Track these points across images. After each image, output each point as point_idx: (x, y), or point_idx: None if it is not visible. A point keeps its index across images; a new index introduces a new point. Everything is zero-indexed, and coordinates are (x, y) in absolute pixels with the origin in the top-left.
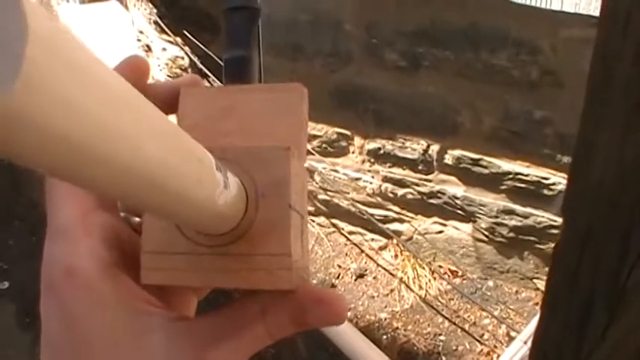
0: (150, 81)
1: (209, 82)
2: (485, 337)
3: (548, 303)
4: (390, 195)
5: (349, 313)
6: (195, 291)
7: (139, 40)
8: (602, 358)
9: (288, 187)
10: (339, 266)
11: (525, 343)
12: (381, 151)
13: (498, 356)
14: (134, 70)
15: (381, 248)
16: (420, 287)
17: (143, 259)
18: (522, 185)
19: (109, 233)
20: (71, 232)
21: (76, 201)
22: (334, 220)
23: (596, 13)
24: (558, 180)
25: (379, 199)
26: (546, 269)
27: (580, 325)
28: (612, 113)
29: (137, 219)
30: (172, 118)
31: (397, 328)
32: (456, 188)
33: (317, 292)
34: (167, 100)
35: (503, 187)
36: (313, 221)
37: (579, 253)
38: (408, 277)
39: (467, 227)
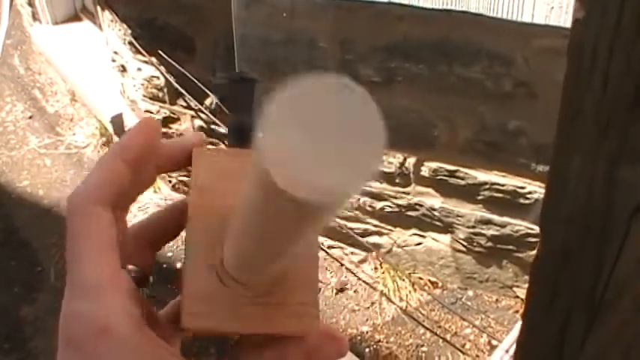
0: (126, 103)
1: (185, 100)
2: (467, 346)
3: (528, 317)
4: (369, 208)
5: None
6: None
7: (113, 61)
8: None
9: (316, 240)
10: (320, 281)
11: (507, 351)
12: None
13: None
14: (148, 133)
15: (361, 261)
16: (401, 299)
17: (185, 304)
18: (499, 195)
19: (133, 290)
20: (102, 290)
21: (105, 260)
22: None
23: (566, 24)
24: (534, 189)
25: (357, 212)
26: (525, 277)
27: (560, 338)
28: (584, 138)
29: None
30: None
31: (379, 340)
32: (433, 200)
33: (330, 330)
34: (179, 159)
35: (480, 198)
36: None
37: (557, 269)
38: (389, 290)
39: (445, 238)
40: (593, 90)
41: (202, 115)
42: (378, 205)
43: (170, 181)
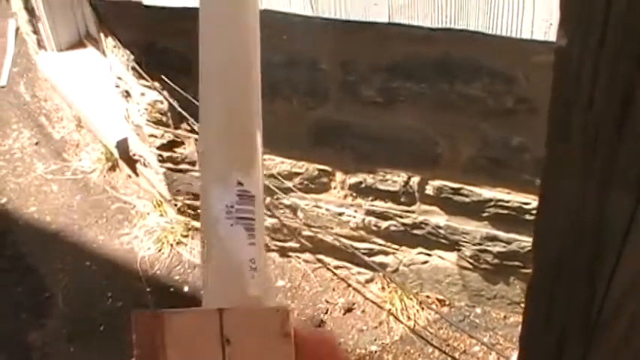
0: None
1: (188, 124)
2: None
3: (524, 339)
4: (374, 228)
5: None
6: None
7: (117, 87)
8: None
9: None
10: (327, 301)
11: None
12: (363, 185)
13: None
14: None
15: (368, 281)
16: (409, 318)
17: None
18: (504, 211)
19: None
20: None
21: None
22: (319, 256)
23: None
24: None
25: (363, 232)
26: None
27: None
28: (572, 160)
29: None
30: None
31: None
32: (438, 218)
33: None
34: None
35: (485, 215)
36: (299, 257)
37: (550, 290)
38: (396, 309)
39: (451, 256)
40: (580, 112)
41: None
42: (384, 224)
43: (176, 205)
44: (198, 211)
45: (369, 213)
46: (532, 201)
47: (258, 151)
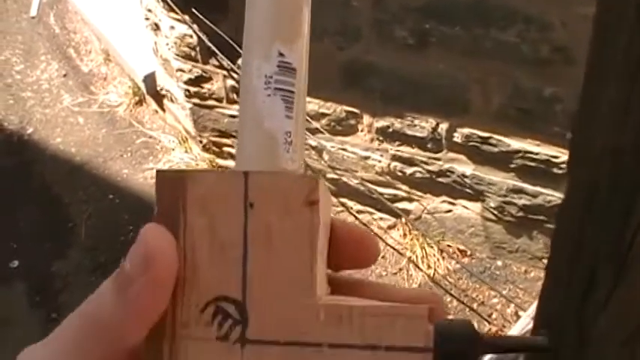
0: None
1: (217, 60)
2: (494, 316)
3: (552, 268)
4: (399, 174)
5: None
6: None
7: (147, 19)
8: (606, 325)
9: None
10: None
11: (532, 318)
12: (390, 130)
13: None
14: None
15: (390, 227)
16: (429, 266)
17: None
18: (532, 164)
19: None
20: None
21: None
22: (343, 199)
23: None
24: None
25: (388, 177)
26: None
27: (584, 291)
28: (615, 69)
29: None
30: None
31: None
32: (464, 167)
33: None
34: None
35: (512, 166)
36: None
37: (582, 215)
38: (417, 257)
39: (476, 206)
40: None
41: (234, 75)
42: (409, 170)
43: (201, 141)
44: (224, 148)
45: (394, 158)
46: (561, 154)
47: (304, 24)
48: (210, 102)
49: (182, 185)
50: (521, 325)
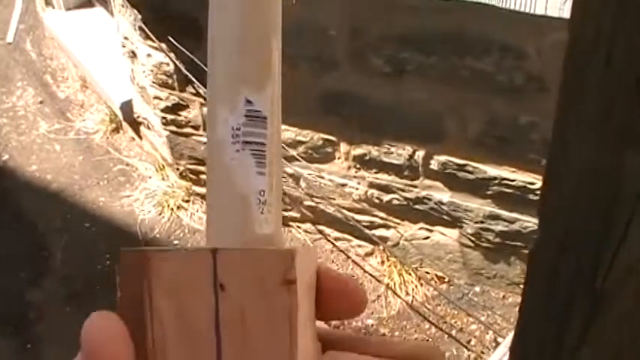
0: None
1: (194, 87)
2: (472, 342)
3: (525, 308)
4: (376, 201)
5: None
6: None
7: (123, 47)
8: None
9: None
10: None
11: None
12: (367, 157)
13: None
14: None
15: (368, 254)
16: (407, 293)
17: None
18: (508, 190)
19: None
20: None
21: None
22: (320, 227)
23: None
24: None
25: (365, 205)
26: None
27: (561, 324)
28: (586, 113)
29: None
30: None
31: (384, 334)
32: (442, 194)
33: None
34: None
35: (489, 193)
36: (299, 227)
37: (556, 257)
38: (395, 283)
39: (453, 233)
40: (597, 66)
41: None
42: (386, 197)
43: (178, 169)
44: (201, 176)
45: (372, 185)
46: (537, 181)
47: (274, 66)
48: (187, 129)
49: (147, 266)
50: (499, 355)
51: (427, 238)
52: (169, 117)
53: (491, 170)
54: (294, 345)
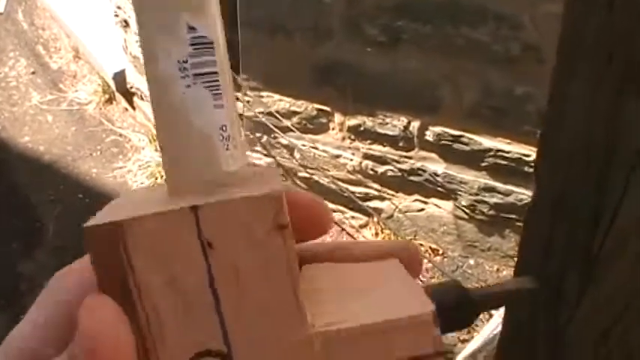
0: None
1: None
2: None
3: (520, 269)
4: (371, 172)
5: None
6: None
7: (116, 16)
8: (577, 327)
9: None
10: None
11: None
12: (362, 128)
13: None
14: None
15: (362, 226)
16: None
17: None
18: (503, 162)
19: None
20: None
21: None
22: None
23: None
24: None
25: (360, 176)
26: None
27: (555, 292)
28: (584, 67)
29: None
30: None
31: None
32: (436, 165)
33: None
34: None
35: (484, 164)
36: None
37: (551, 220)
38: None
39: (448, 205)
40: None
41: None
42: (381, 169)
43: None
44: None
45: (366, 157)
46: (532, 153)
47: None
48: None
49: (122, 238)
50: (493, 325)
51: (422, 210)
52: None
53: (487, 142)
54: (296, 290)
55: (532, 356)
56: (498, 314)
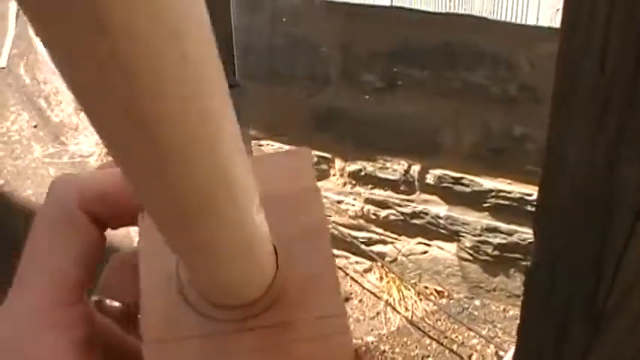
0: None
1: None
2: (474, 357)
3: (523, 328)
4: (373, 217)
5: None
6: None
7: None
8: None
9: (326, 233)
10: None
11: None
12: (362, 173)
13: None
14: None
15: (366, 271)
16: (407, 309)
17: (146, 352)
18: (505, 202)
19: (84, 328)
20: (33, 318)
21: (50, 280)
22: None
23: None
24: None
25: (362, 221)
26: None
27: (557, 350)
28: (579, 120)
29: (116, 304)
30: None
31: (385, 351)
32: (438, 207)
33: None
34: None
35: (486, 205)
36: None
37: (552, 273)
38: (394, 299)
39: (451, 247)
40: (588, 66)
41: None
42: (383, 213)
43: None
44: None
45: (368, 201)
46: (534, 192)
47: None
48: None
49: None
50: None
51: (425, 252)
52: None
53: (488, 182)
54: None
55: None
56: (506, 358)
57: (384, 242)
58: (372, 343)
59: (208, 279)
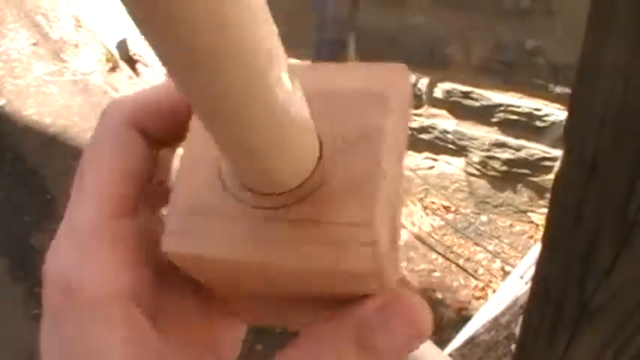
0: None
1: None
2: (480, 272)
3: (549, 239)
4: None
5: None
6: (242, 318)
7: None
8: (607, 296)
9: (380, 142)
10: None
11: (521, 277)
12: None
13: (494, 291)
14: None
15: None
16: (413, 224)
17: (168, 221)
18: (514, 117)
19: (138, 248)
20: (86, 238)
21: (102, 200)
22: None
23: None
24: (551, 111)
25: None
26: (540, 202)
27: (584, 261)
28: (619, 28)
29: None
30: None
31: None
32: (446, 122)
33: (403, 296)
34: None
35: (494, 120)
36: None
37: (584, 185)
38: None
39: (459, 162)
40: None
41: None
42: None
43: None
44: None
45: None
46: (544, 107)
47: None
48: None
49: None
50: (511, 285)
51: (432, 167)
52: None
53: (497, 97)
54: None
55: (558, 321)
56: (517, 274)
57: None
58: None
59: (238, 154)
